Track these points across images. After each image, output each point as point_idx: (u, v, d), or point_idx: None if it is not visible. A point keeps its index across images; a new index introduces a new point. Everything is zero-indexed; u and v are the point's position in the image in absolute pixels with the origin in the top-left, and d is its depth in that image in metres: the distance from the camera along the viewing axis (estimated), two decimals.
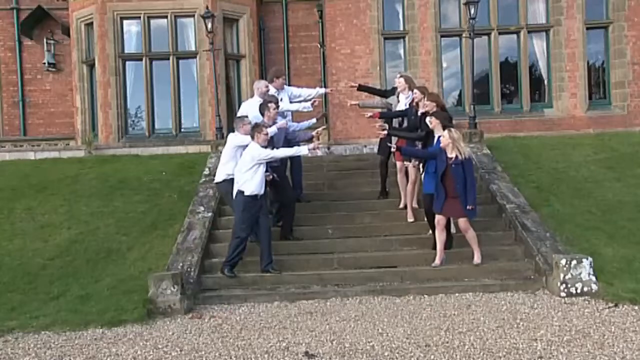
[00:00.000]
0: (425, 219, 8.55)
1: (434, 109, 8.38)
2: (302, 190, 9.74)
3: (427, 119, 8.23)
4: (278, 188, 8.67)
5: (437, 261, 7.95)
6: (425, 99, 8.54)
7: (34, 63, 16.49)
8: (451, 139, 7.68)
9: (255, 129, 7.99)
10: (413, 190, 9.01)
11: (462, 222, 7.82)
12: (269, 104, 8.64)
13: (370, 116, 9.48)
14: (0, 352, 5.90)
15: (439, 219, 7.87)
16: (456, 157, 7.64)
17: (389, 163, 9.66)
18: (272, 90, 9.34)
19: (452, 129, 7.90)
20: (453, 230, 8.33)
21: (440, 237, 7.92)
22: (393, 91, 9.79)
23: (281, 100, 9.32)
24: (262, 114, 8.63)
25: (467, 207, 7.65)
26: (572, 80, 14.47)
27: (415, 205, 9.14)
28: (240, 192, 7.89)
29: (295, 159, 9.38)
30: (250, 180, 7.84)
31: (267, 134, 7.96)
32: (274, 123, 8.54)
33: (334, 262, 8.35)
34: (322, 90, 10.47)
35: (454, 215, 7.92)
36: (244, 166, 7.91)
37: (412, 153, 8.54)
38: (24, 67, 16.49)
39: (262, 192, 7.91)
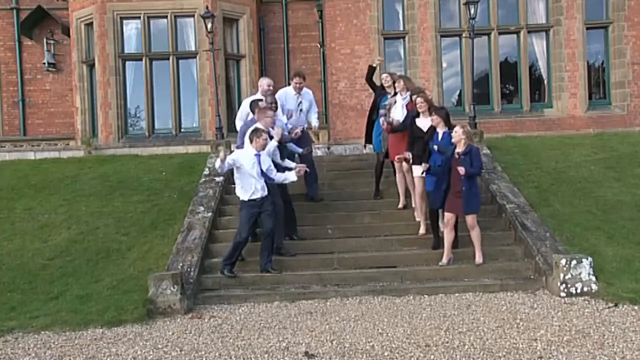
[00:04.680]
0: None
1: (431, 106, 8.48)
2: (317, 190, 9.79)
3: (430, 118, 8.31)
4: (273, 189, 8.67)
5: (444, 260, 7.96)
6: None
7: (34, 63, 16.48)
8: (465, 134, 7.70)
9: (255, 133, 7.95)
10: (422, 202, 8.69)
11: (470, 218, 7.82)
12: (260, 102, 8.60)
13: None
14: (0, 352, 5.89)
15: (449, 218, 7.87)
16: (464, 150, 7.68)
17: (385, 163, 9.69)
18: (293, 93, 9.41)
19: (465, 125, 7.96)
20: (442, 228, 8.37)
21: (448, 236, 7.94)
22: (379, 90, 9.77)
23: (300, 103, 9.38)
24: (253, 112, 8.57)
25: (461, 169, 7.55)
26: (572, 80, 14.47)
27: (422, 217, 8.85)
28: (238, 196, 7.96)
29: (306, 160, 9.38)
30: (244, 185, 7.88)
31: (265, 139, 7.93)
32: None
33: (334, 262, 8.35)
34: (315, 125, 9.84)
35: (457, 212, 7.89)
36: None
37: (440, 174, 8.05)
38: (24, 67, 16.48)
39: (259, 195, 7.89)
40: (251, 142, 7.94)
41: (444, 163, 7.92)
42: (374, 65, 10.20)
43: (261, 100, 8.79)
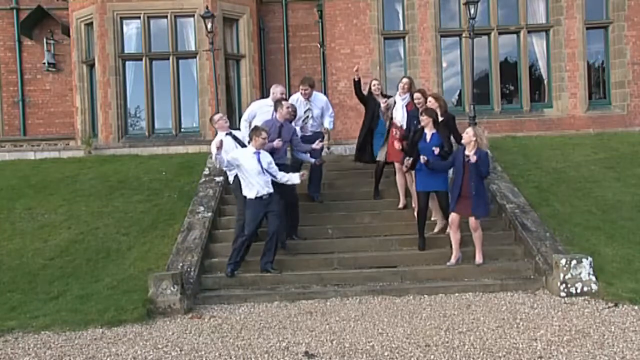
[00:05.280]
0: (416, 219, 8.51)
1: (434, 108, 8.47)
2: (319, 190, 9.81)
3: (420, 117, 8.31)
4: (280, 189, 8.69)
5: (453, 260, 7.96)
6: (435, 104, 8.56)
7: (34, 63, 16.44)
8: (475, 136, 7.69)
9: (254, 132, 8.04)
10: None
11: (473, 220, 7.82)
12: (283, 102, 8.76)
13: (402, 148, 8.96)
14: (0, 352, 5.90)
15: (454, 218, 7.87)
16: (476, 152, 7.67)
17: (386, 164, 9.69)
18: (302, 99, 9.44)
19: (476, 126, 7.96)
20: (438, 228, 8.52)
21: (455, 236, 7.94)
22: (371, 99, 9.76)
23: (308, 110, 9.42)
24: (276, 110, 8.75)
25: (470, 158, 7.53)
26: (572, 80, 14.46)
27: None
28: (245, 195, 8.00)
29: (317, 169, 9.44)
30: (248, 184, 7.91)
31: (264, 137, 7.96)
32: (283, 124, 8.62)
33: (334, 262, 8.36)
34: (329, 127, 9.92)
35: (466, 214, 7.87)
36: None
37: (442, 167, 8.10)
38: (24, 67, 16.44)
39: (265, 193, 7.90)
40: (251, 139, 8.02)
41: (448, 163, 7.91)
42: (356, 79, 9.81)
43: (270, 105, 9.00)
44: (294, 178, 8.24)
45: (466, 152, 7.70)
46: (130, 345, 5.95)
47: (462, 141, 7.81)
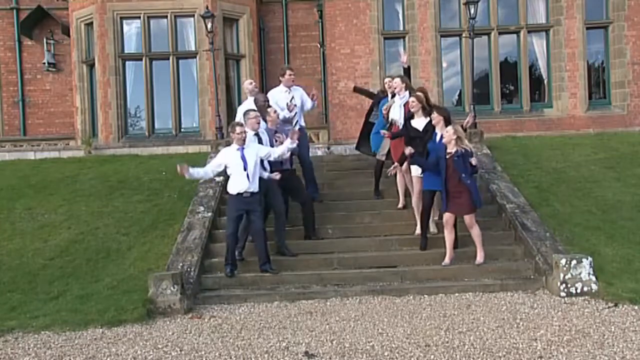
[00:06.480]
0: (419, 218, 8.50)
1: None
2: (318, 190, 9.83)
3: (432, 115, 8.28)
4: (287, 190, 8.71)
5: (447, 260, 7.95)
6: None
7: (34, 63, 16.46)
8: (456, 134, 7.68)
9: (230, 128, 8.07)
10: (419, 201, 8.58)
11: (468, 218, 7.81)
12: (269, 109, 8.72)
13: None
14: (0, 352, 5.90)
15: (448, 218, 7.87)
16: (456, 150, 7.67)
17: (385, 163, 9.68)
18: (282, 90, 9.47)
19: (456, 125, 7.95)
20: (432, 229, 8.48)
21: (449, 236, 7.94)
22: (379, 94, 9.84)
23: (292, 99, 9.37)
24: (265, 120, 8.71)
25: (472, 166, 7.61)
26: (572, 80, 14.47)
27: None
28: (226, 191, 8.14)
29: (303, 160, 9.42)
30: (232, 180, 7.98)
31: (240, 132, 7.91)
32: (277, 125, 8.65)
33: (334, 262, 8.35)
34: (314, 105, 9.95)
35: (460, 212, 7.86)
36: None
37: (420, 163, 8.16)
38: (24, 67, 16.46)
39: (245, 190, 7.87)
40: (230, 136, 8.11)
41: (437, 161, 7.89)
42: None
43: (254, 110, 8.82)
44: (286, 144, 8.25)
45: (449, 150, 7.72)
46: (130, 345, 5.95)
47: (444, 140, 7.80)
